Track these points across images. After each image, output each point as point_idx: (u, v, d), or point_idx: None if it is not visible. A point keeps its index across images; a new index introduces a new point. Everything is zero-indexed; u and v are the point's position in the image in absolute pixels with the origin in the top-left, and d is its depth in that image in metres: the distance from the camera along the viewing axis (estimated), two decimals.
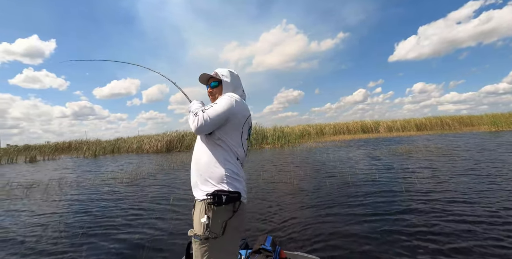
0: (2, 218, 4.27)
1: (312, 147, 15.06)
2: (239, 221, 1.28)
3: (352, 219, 3.36)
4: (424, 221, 3.12)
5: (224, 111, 1.30)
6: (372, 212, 3.56)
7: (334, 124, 28.62)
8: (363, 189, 4.73)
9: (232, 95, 1.40)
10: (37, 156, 19.81)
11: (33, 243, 3.13)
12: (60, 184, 7.20)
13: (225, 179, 1.27)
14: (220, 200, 1.20)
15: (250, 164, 9.55)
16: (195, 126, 1.25)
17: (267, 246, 2.03)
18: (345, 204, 3.99)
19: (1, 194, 6.30)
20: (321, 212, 3.71)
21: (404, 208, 3.62)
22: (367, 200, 4.08)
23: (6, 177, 9.77)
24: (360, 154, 10.25)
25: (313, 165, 8.06)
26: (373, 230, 2.97)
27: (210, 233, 1.19)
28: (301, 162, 9.10)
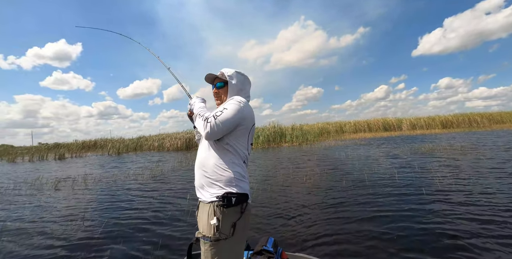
0: (33, 210, 4.58)
1: (331, 145, 14.85)
2: (245, 221, 1.30)
3: (363, 220, 3.30)
4: (444, 226, 3.01)
5: (235, 117, 1.30)
6: (386, 213, 3.47)
7: (354, 122, 28.01)
8: (380, 189, 4.63)
9: (241, 100, 1.39)
10: (66, 153, 20.91)
11: (58, 235, 3.36)
12: (86, 180, 7.59)
13: (233, 181, 1.29)
14: (230, 202, 1.22)
15: (267, 161, 9.60)
16: (207, 133, 1.24)
17: (269, 247, 2.02)
18: (359, 204, 3.93)
19: (33, 188, 6.74)
20: (332, 211, 3.69)
21: (423, 210, 3.45)
22: (382, 201, 3.99)
23: (37, 173, 10.41)
24: (380, 152, 10.00)
25: (330, 163, 7.97)
26: (385, 233, 2.89)
27: (220, 234, 1.20)
28: (319, 160, 9.02)
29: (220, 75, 1.54)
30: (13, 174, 10.73)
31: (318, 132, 23.58)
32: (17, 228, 3.71)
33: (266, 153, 13.18)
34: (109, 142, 25.11)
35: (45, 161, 17.82)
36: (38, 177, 8.71)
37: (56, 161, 16.83)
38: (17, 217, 4.29)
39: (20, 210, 4.68)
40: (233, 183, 1.28)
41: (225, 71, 1.52)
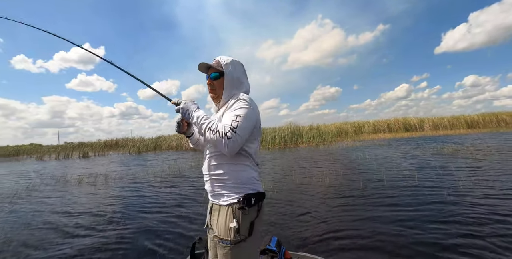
0: (62, 202, 4.84)
1: (349, 145, 14.62)
2: (262, 217, 1.30)
3: (375, 220, 3.25)
4: (465, 227, 2.91)
5: (252, 124, 1.24)
6: (401, 214, 3.40)
7: (374, 122, 27.30)
8: (398, 190, 4.53)
9: (245, 99, 1.27)
10: (89, 152, 21.80)
11: (85, 224, 3.56)
12: (107, 177, 7.92)
13: (249, 184, 1.26)
14: (250, 202, 1.21)
15: (284, 161, 9.59)
16: (230, 150, 1.15)
17: (272, 246, 2.01)
18: (373, 204, 3.87)
19: (58, 185, 7.11)
20: (343, 211, 3.66)
21: (443, 215, 3.25)
22: (399, 201, 3.91)
23: (63, 170, 10.94)
24: (400, 153, 9.74)
25: (347, 164, 7.86)
26: (397, 234, 2.83)
27: (240, 236, 1.18)
28: (335, 160, 8.92)
29: (215, 64, 1.36)
30: (43, 170, 11.35)
31: (336, 132, 23.22)
32: (47, 219, 3.96)
33: (283, 153, 13.16)
34: (130, 141, 25.90)
35: (70, 159, 18.67)
36: (66, 174, 9.18)
37: (81, 159, 17.59)
38: (48, 209, 4.56)
39: (50, 203, 4.97)
40: (249, 184, 1.26)
41: (221, 59, 1.35)
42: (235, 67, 1.35)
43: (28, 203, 5.13)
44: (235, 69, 1.35)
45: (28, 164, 16.03)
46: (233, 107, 1.25)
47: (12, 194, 6.10)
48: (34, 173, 10.58)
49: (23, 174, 10.76)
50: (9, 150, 28.93)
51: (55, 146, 32.73)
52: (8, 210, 4.68)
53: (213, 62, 1.37)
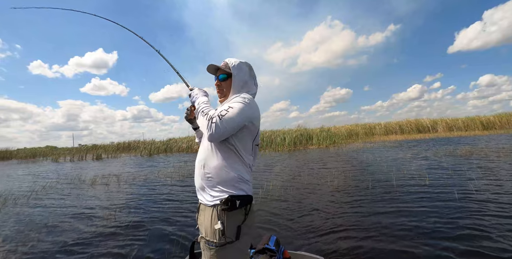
0: (77, 200, 5.00)
1: (359, 147, 14.47)
2: (250, 222, 1.26)
3: (381, 220, 3.23)
4: (480, 243, 2.82)
5: (242, 118, 1.21)
6: (408, 214, 3.38)
7: (385, 123, 26.90)
8: (407, 191, 4.49)
9: (246, 97, 1.28)
10: (102, 154, 22.27)
11: (98, 219, 3.68)
12: (119, 178, 8.11)
13: (237, 183, 1.22)
14: (234, 205, 1.17)
15: (294, 163, 9.59)
16: (210, 135, 1.17)
17: (271, 245, 2.00)
18: (379, 203, 3.86)
19: (72, 186, 7.32)
20: (347, 211, 3.66)
21: (454, 221, 3.08)
22: (406, 202, 3.88)
23: (78, 171, 11.25)
24: (411, 154, 9.60)
25: (357, 165, 7.80)
26: (404, 235, 2.79)
27: (226, 238, 1.15)
28: (345, 162, 8.86)
29: (224, 66, 1.40)
30: (60, 171, 11.69)
31: (346, 134, 23.01)
32: (64, 214, 4.11)
33: (292, 155, 13.15)
34: (141, 143, 26.35)
35: (84, 161, 19.13)
36: (81, 174, 9.45)
37: (94, 161, 18.00)
38: (64, 205, 4.73)
39: (66, 200, 5.14)
40: (236, 185, 1.22)
41: (229, 61, 1.39)
42: (243, 70, 1.39)
43: (48, 199, 5.33)
44: (243, 72, 1.39)
45: (44, 165, 16.53)
46: (231, 101, 1.28)
47: (33, 192, 6.36)
48: (51, 174, 10.92)
49: (41, 174, 11.13)
50: (26, 152, 29.85)
51: (70, 148, 33.58)
52: (33, 205, 4.87)
53: (222, 64, 1.41)
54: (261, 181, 6.18)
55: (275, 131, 21.67)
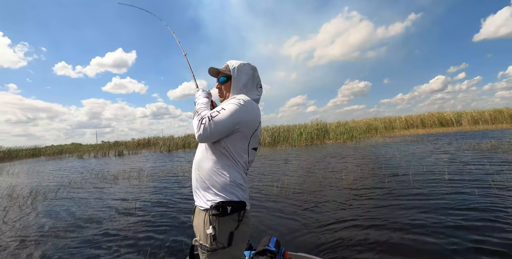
0: (96, 197, 5.26)
1: (378, 142, 14.15)
2: (244, 228, 1.22)
3: (394, 225, 3.16)
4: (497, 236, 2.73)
5: (233, 121, 1.17)
6: (421, 222, 3.29)
7: (406, 117, 26.09)
8: (423, 188, 4.38)
9: (242, 99, 1.24)
10: (124, 150, 23.08)
11: (121, 210, 3.87)
12: (141, 173, 8.40)
13: (229, 188, 1.19)
14: (225, 211, 1.15)
15: (309, 158, 9.55)
16: (199, 135, 1.15)
17: (271, 247, 1.98)
18: (393, 202, 3.79)
19: (97, 181, 7.67)
20: (360, 208, 3.62)
21: (471, 221, 2.94)
22: (423, 203, 3.77)
23: (104, 166, 11.74)
24: (431, 149, 9.29)
25: (374, 160, 7.66)
26: (414, 239, 2.69)
27: (217, 244, 1.14)
28: (362, 157, 8.72)
29: (224, 68, 1.39)
30: (88, 166, 12.27)
31: (365, 128, 22.54)
32: (90, 207, 4.35)
33: (308, 150, 13.08)
34: (160, 140, 27.01)
35: (107, 157, 19.90)
36: (104, 170, 9.88)
37: (116, 157, 18.70)
38: (90, 198, 5.01)
39: (91, 194, 5.41)
40: (228, 190, 1.19)
41: (230, 63, 1.37)
42: (243, 72, 1.35)
43: (75, 193, 5.64)
44: (243, 74, 1.35)
45: (70, 161, 17.35)
46: (227, 102, 1.25)
47: (61, 186, 6.75)
48: (77, 169, 11.48)
49: (71, 169, 11.77)
50: (54, 149, 31.36)
51: (94, 145, 35.03)
52: (61, 198, 5.18)
53: (223, 67, 1.40)
54: (277, 176, 6.23)
55: (291, 126, 21.56)
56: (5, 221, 4.16)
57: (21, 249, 3.03)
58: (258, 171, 7.36)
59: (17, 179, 9.71)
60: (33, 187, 7.21)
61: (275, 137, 19.87)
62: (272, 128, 21.68)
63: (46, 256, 2.80)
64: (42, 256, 2.80)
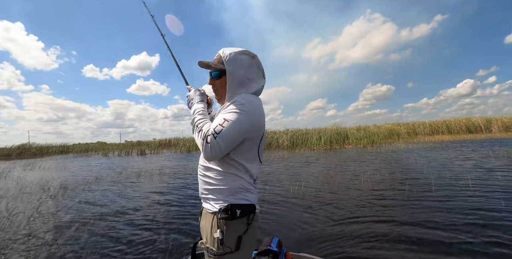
0: (115, 197, 5.53)
1: (400, 148, 13.78)
2: (253, 232, 1.17)
3: (404, 236, 3.11)
4: None
5: (240, 133, 1.07)
6: (438, 232, 3.21)
7: (430, 122, 25.15)
8: (444, 200, 4.24)
9: (243, 103, 1.09)
10: (146, 150, 23.90)
11: (138, 216, 4.06)
12: (161, 172, 8.71)
13: (239, 192, 1.14)
14: (235, 214, 1.09)
15: (327, 162, 9.49)
16: (207, 157, 1.06)
17: (273, 247, 1.96)
18: (409, 209, 3.71)
19: (120, 178, 8.03)
20: (372, 214, 3.57)
21: (495, 228, 2.88)
22: (442, 216, 3.66)
23: (125, 165, 12.24)
24: (457, 157, 8.94)
25: (394, 166, 7.50)
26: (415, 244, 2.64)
27: (224, 248, 1.08)
28: (382, 162, 8.55)
29: (216, 61, 1.20)
30: (117, 163, 12.86)
31: (387, 134, 21.97)
32: (113, 201, 4.60)
33: (327, 154, 12.96)
34: (181, 140, 27.64)
35: (130, 156, 20.67)
36: (127, 167, 10.30)
37: (139, 156, 19.39)
38: (114, 193, 5.28)
39: (115, 189, 5.71)
40: (238, 194, 1.14)
41: (223, 54, 1.16)
42: (240, 63, 1.16)
43: (100, 189, 5.98)
44: (240, 65, 1.16)
45: (96, 159, 18.17)
46: (226, 109, 1.10)
47: (87, 182, 7.16)
48: (103, 166, 12.07)
49: (97, 166, 12.42)
50: (81, 147, 32.93)
51: (117, 144, 36.39)
52: (87, 193, 5.51)
53: (215, 58, 1.22)
54: (293, 180, 6.26)
55: (310, 130, 21.41)
56: (39, 211, 4.49)
57: (53, 233, 3.27)
58: (271, 173, 7.42)
59: (48, 173, 10.33)
60: (63, 181, 7.69)
61: (293, 140, 19.82)
62: (291, 131, 21.64)
63: (73, 240, 3.01)
64: (69, 240, 3.02)
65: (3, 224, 3.84)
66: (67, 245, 3.00)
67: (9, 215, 4.27)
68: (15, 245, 3.04)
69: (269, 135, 21.68)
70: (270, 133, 22.29)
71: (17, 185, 7.54)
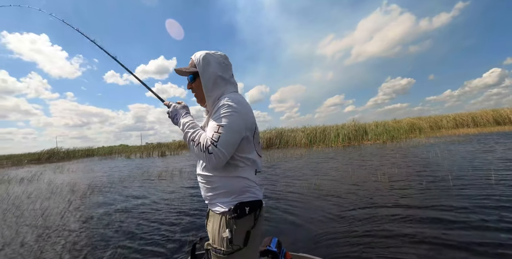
0: (141, 195, 5.78)
1: (421, 142, 13.35)
2: (259, 226, 1.20)
3: (414, 226, 3.09)
4: None
5: (239, 133, 1.10)
6: (457, 233, 3.17)
7: (454, 115, 24.17)
8: (464, 198, 4.05)
9: (229, 103, 1.11)
10: (166, 151, 24.54)
11: (159, 213, 4.25)
12: (182, 172, 8.98)
13: (244, 190, 1.16)
14: (243, 212, 1.12)
15: (345, 159, 9.40)
16: (212, 166, 1.09)
17: (272, 247, 1.95)
18: (424, 207, 3.64)
19: (143, 179, 8.35)
20: (388, 213, 3.54)
21: None
22: (454, 208, 3.55)
23: (146, 166, 12.68)
24: (481, 151, 8.58)
25: (414, 162, 7.32)
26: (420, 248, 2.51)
27: (233, 246, 1.10)
28: (401, 158, 8.36)
29: (189, 64, 1.26)
30: (141, 164, 13.37)
31: (407, 128, 21.34)
32: (136, 198, 4.84)
33: (345, 151, 12.82)
34: None
35: (151, 157, 21.32)
36: (149, 168, 10.69)
37: (159, 157, 19.96)
38: (137, 193, 5.54)
39: (138, 189, 5.98)
40: (244, 192, 1.16)
41: (194, 57, 1.22)
42: (210, 62, 1.21)
43: (124, 189, 6.29)
44: (211, 65, 1.20)
45: (120, 161, 18.91)
46: (216, 114, 1.12)
47: (112, 183, 7.53)
48: (129, 167, 12.57)
49: (121, 167, 12.96)
50: (105, 150, 34.33)
51: (139, 146, 37.62)
52: (112, 193, 5.81)
53: (189, 63, 1.27)
54: (308, 176, 6.29)
55: (328, 127, 21.14)
56: (70, 210, 4.80)
57: (84, 229, 3.51)
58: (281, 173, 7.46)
59: (76, 175, 10.92)
60: (90, 183, 8.10)
61: (311, 138, 19.71)
62: (308, 129, 21.51)
63: (101, 235, 3.23)
64: (95, 237, 3.23)
65: (38, 220, 4.16)
66: (91, 237, 3.22)
67: (43, 213, 4.60)
68: (51, 239, 3.30)
69: (286, 133, 21.69)
70: (287, 131, 22.25)
71: (48, 186, 8.04)
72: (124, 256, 2.76)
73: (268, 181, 6.25)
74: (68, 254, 2.86)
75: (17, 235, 3.60)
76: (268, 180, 6.40)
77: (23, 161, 28.49)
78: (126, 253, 2.82)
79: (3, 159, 33.97)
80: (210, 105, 1.22)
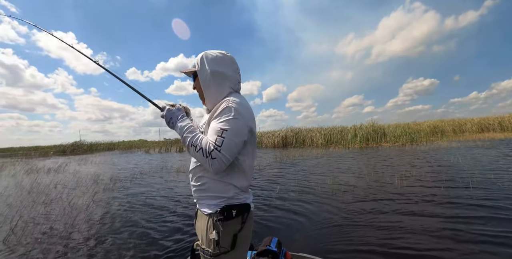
0: (158, 189, 6.01)
1: (442, 146, 12.94)
2: (247, 230, 1.19)
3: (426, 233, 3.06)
4: None
5: (242, 138, 1.10)
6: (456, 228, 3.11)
7: (479, 119, 23.18)
8: (481, 209, 4.03)
9: (233, 106, 1.10)
10: (184, 147, 25.02)
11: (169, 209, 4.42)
12: None
13: (234, 193, 1.16)
14: (230, 215, 1.11)
15: (362, 161, 9.30)
16: (215, 169, 1.05)
17: (273, 247, 1.97)
18: (438, 214, 3.60)
19: (162, 173, 8.63)
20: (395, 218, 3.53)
21: None
22: (477, 229, 3.54)
23: (165, 161, 13.03)
24: (506, 156, 8.25)
25: (433, 167, 7.16)
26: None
27: (220, 248, 1.10)
28: (421, 162, 8.18)
29: (192, 65, 1.27)
30: (152, 160, 13.79)
31: (429, 131, 20.71)
32: (157, 190, 5.05)
33: (362, 153, 12.63)
34: None
35: (169, 152, 21.87)
36: (167, 162, 11.03)
37: (177, 153, 20.45)
38: (157, 186, 5.77)
39: (158, 183, 6.22)
40: (233, 195, 1.16)
41: (197, 57, 1.23)
42: (209, 61, 1.20)
43: (145, 182, 6.57)
44: (209, 64, 1.20)
45: (139, 155, 19.56)
46: (219, 116, 1.10)
47: (133, 177, 7.86)
48: (146, 162, 13.01)
49: (141, 161, 13.45)
50: (125, 144, 35.57)
51: (157, 141, 38.63)
52: (134, 186, 6.09)
53: (194, 61, 1.27)
54: (321, 177, 6.30)
55: (346, 128, 20.84)
56: (94, 200, 5.09)
57: (108, 218, 3.75)
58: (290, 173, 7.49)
59: (99, 168, 11.42)
60: (112, 175, 8.49)
61: (328, 139, 19.54)
62: (325, 129, 21.30)
63: (123, 222, 3.42)
64: (118, 223, 3.43)
65: (65, 209, 4.44)
66: (114, 228, 3.42)
67: (69, 203, 4.89)
68: (76, 226, 3.53)
69: (302, 132, 21.59)
70: (303, 130, 22.15)
71: (73, 177, 8.48)
72: (134, 247, 2.92)
73: (281, 178, 6.31)
74: (93, 240, 3.07)
75: (47, 220, 3.89)
76: (279, 177, 6.46)
77: (49, 152, 30.06)
78: (138, 243, 2.99)
79: (31, 150, 35.93)
80: (210, 104, 1.22)
